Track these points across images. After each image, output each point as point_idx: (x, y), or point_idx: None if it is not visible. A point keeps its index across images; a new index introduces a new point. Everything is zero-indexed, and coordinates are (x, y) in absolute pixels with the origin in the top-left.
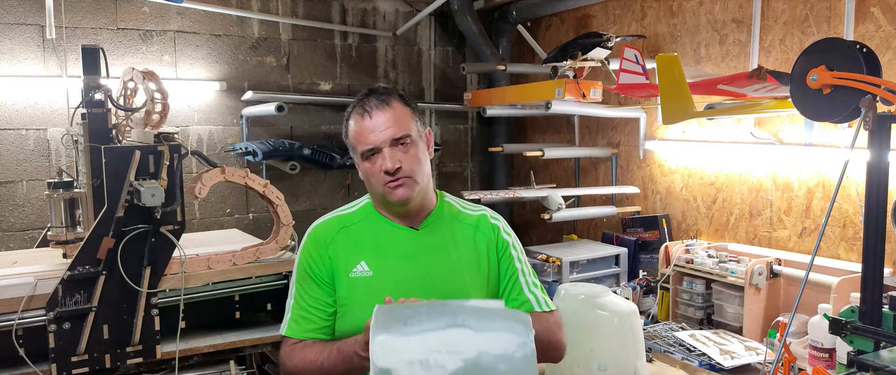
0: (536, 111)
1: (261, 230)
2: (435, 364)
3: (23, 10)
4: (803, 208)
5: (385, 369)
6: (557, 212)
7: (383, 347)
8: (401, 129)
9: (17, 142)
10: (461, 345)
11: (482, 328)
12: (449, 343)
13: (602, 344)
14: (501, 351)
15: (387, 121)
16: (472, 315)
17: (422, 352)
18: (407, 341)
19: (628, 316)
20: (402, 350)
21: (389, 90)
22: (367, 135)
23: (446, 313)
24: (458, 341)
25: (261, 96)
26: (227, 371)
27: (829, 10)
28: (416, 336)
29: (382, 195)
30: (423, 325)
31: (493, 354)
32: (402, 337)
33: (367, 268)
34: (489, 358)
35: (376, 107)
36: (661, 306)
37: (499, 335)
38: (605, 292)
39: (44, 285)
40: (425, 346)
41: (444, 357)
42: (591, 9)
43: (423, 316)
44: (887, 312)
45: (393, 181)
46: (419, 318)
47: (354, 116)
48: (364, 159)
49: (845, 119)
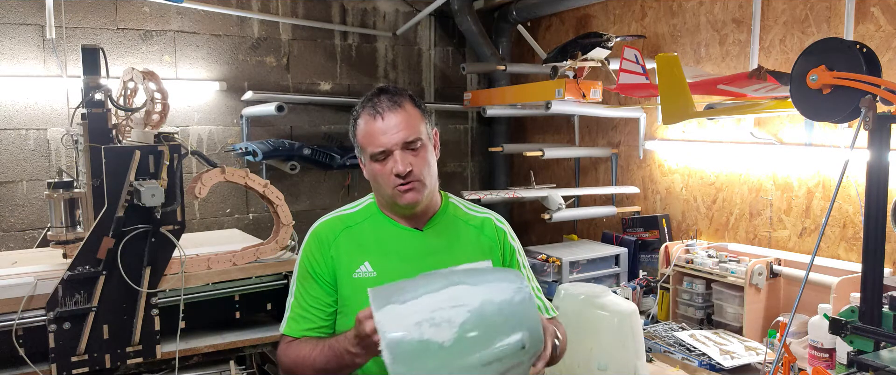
0: (536, 111)
1: (261, 230)
2: (442, 320)
3: (23, 10)
4: (803, 208)
5: (394, 338)
6: (557, 212)
7: (389, 317)
8: (413, 133)
9: (17, 142)
10: (462, 299)
11: (478, 282)
12: (451, 298)
13: (602, 344)
14: (502, 298)
15: (399, 124)
16: (465, 275)
17: (427, 312)
18: (409, 306)
19: (628, 316)
20: (408, 315)
21: (401, 90)
22: (379, 137)
23: (439, 277)
24: (458, 296)
25: (261, 96)
26: (227, 371)
27: (829, 10)
28: (418, 299)
29: (391, 197)
30: (421, 291)
31: (494, 302)
32: (403, 305)
33: (371, 269)
34: (491, 306)
35: (389, 108)
36: (661, 306)
37: (495, 285)
38: (605, 292)
39: (44, 285)
40: (429, 306)
41: (449, 312)
42: (591, 9)
43: (418, 285)
44: (887, 312)
45: (403, 184)
46: (415, 286)
47: (365, 116)
48: (373, 160)
49: (845, 119)
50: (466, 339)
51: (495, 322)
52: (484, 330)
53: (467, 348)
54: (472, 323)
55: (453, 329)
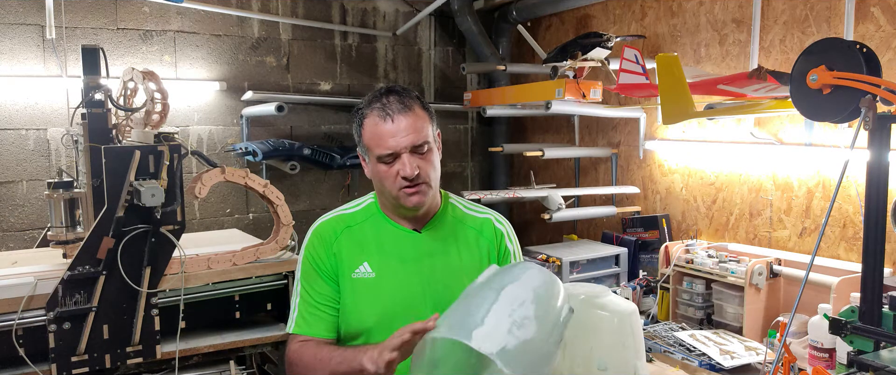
0: (536, 111)
1: (261, 230)
2: (522, 319)
3: (23, 10)
4: (803, 208)
5: (498, 351)
6: (557, 212)
7: (482, 339)
8: (421, 136)
9: (17, 142)
10: (520, 296)
11: (515, 278)
12: (512, 300)
13: (602, 344)
14: (540, 282)
15: (408, 127)
16: (501, 278)
17: (506, 319)
18: (490, 321)
19: (628, 316)
20: (495, 329)
21: (409, 92)
22: (387, 139)
23: (486, 290)
24: (515, 296)
25: (261, 96)
26: (227, 371)
27: (829, 10)
28: (490, 313)
29: (396, 199)
30: (485, 306)
31: (541, 287)
32: (484, 324)
33: (370, 270)
34: (541, 291)
35: (399, 111)
36: (661, 306)
37: (527, 274)
38: (605, 292)
39: (44, 285)
40: (503, 314)
41: (520, 310)
42: (591, 9)
43: (476, 303)
44: (887, 312)
45: (409, 187)
46: (475, 305)
47: (373, 116)
48: (380, 162)
49: (845, 119)
50: (545, 324)
51: (550, 302)
52: (548, 313)
53: (547, 331)
54: (541, 311)
55: (532, 322)
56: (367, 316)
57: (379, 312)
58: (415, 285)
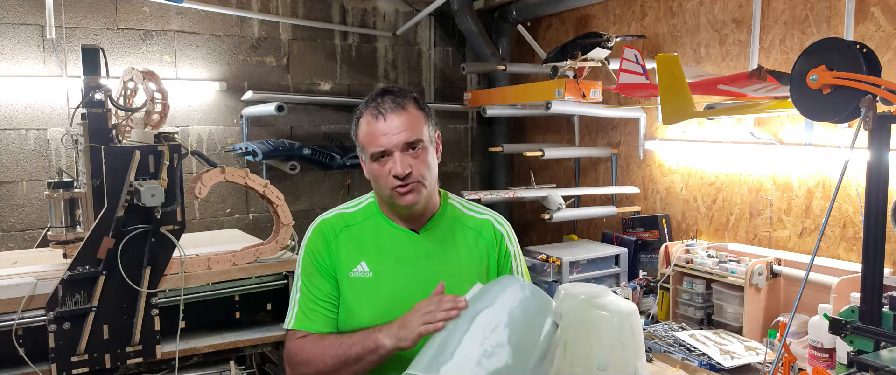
0: (536, 111)
1: (261, 230)
2: (493, 347)
3: (23, 10)
4: (803, 208)
5: None
6: (557, 212)
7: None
8: (414, 134)
9: (17, 142)
10: (493, 321)
11: (491, 301)
12: (484, 327)
13: (602, 344)
14: (518, 301)
15: (400, 125)
16: (477, 302)
17: (477, 349)
18: (459, 355)
19: (628, 316)
20: (464, 363)
21: (405, 91)
22: (379, 138)
23: (458, 320)
24: (488, 321)
25: (261, 96)
26: (227, 371)
27: (829, 10)
28: (461, 345)
29: (390, 198)
30: (455, 337)
31: (516, 307)
32: (452, 358)
33: (368, 270)
34: (516, 312)
35: (391, 109)
36: (661, 306)
37: (505, 294)
38: (605, 292)
39: (44, 285)
40: (474, 344)
41: (492, 337)
42: (591, 9)
43: (449, 335)
44: (887, 312)
45: (402, 186)
46: (447, 338)
47: (367, 116)
48: (373, 160)
49: (845, 119)
50: (520, 349)
51: (527, 322)
52: (525, 334)
53: (525, 354)
54: (516, 334)
55: (505, 348)
56: (364, 316)
57: (376, 312)
58: (412, 286)
